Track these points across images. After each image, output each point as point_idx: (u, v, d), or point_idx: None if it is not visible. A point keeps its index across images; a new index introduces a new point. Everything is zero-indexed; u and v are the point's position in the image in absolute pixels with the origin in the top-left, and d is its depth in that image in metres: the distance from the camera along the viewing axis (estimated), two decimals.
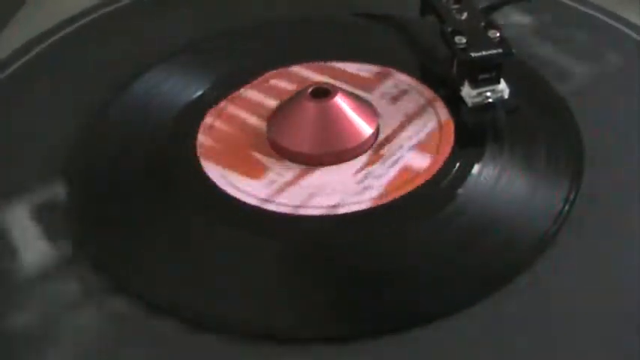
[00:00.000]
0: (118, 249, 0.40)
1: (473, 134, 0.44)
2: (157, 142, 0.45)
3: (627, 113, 0.45)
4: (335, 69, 0.48)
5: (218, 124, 0.46)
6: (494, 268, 0.38)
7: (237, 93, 0.48)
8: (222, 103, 0.47)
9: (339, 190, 0.41)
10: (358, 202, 0.41)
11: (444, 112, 0.45)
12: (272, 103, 0.46)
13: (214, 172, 0.43)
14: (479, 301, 0.37)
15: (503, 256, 0.39)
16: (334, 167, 0.43)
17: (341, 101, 0.43)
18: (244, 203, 0.41)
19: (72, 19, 0.55)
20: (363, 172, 0.42)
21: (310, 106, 0.43)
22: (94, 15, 0.55)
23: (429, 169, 0.42)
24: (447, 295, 0.37)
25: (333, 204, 0.41)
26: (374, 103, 0.46)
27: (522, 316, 0.36)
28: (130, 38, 0.53)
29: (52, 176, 0.44)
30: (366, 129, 0.43)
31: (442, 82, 0.46)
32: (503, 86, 0.45)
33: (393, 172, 0.42)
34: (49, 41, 0.53)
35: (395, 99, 0.46)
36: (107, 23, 0.55)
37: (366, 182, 0.42)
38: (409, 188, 0.41)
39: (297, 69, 0.49)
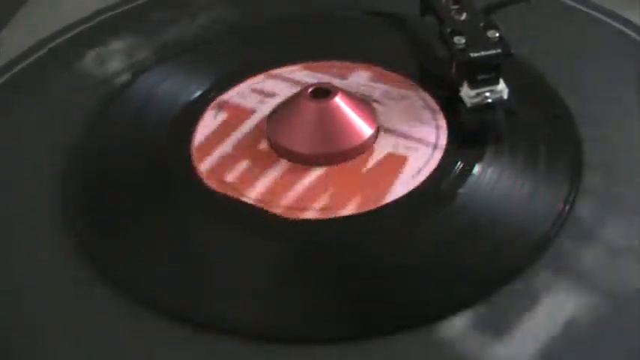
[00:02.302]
0: (118, 249, 0.41)
1: (473, 135, 0.44)
2: (156, 142, 0.45)
3: (627, 113, 0.45)
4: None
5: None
6: (494, 268, 0.38)
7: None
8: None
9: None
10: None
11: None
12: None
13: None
14: (479, 301, 0.37)
15: (503, 256, 0.39)
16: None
17: (341, 101, 0.43)
18: (243, 203, 0.41)
19: (73, 22, 0.55)
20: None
21: (310, 106, 0.43)
22: (95, 18, 0.55)
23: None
24: (447, 295, 0.37)
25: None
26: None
27: (522, 316, 0.36)
28: (129, 39, 0.53)
29: (52, 176, 0.44)
30: (366, 129, 0.43)
31: (441, 83, 0.46)
32: (502, 86, 0.44)
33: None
34: (50, 43, 0.53)
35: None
36: (107, 24, 0.55)
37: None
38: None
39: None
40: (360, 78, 0.48)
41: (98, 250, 0.40)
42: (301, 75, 0.48)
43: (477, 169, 0.42)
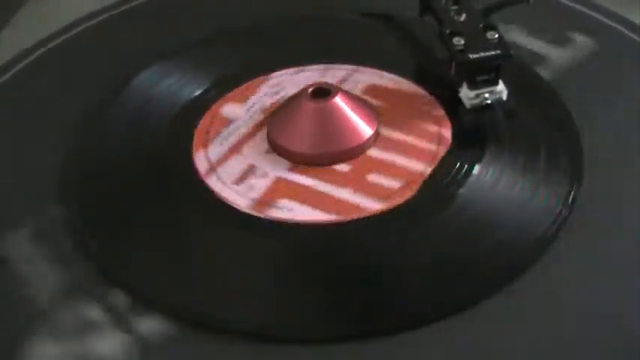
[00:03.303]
0: (118, 249, 0.41)
1: (472, 135, 0.44)
2: (156, 141, 0.45)
3: (627, 114, 0.45)
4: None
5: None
6: (494, 269, 0.38)
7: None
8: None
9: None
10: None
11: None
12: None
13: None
14: (479, 302, 0.37)
15: (503, 257, 0.39)
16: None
17: (341, 101, 0.43)
18: (243, 203, 0.41)
19: (73, 22, 0.55)
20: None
21: (310, 106, 0.43)
22: (95, 18, 0.55)
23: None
24: (447, 295, 0.37)
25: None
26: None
27: (522, 316, 0.36)
28: (130, 39, 0.53)
29: (52, 176, 0.44)
30: (366, 129, 0.43)
31: (441, 83, 0.46)
32: (501, 87, 0.45)
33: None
34: (51, 43, 0.53)
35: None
36: (108, 25, 0.55)
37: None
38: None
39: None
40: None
41: (98, 250, 0.40)
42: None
43: (476, 169, 0.42)
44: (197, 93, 0.48)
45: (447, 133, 0.44)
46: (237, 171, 0.43)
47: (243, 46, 0.52)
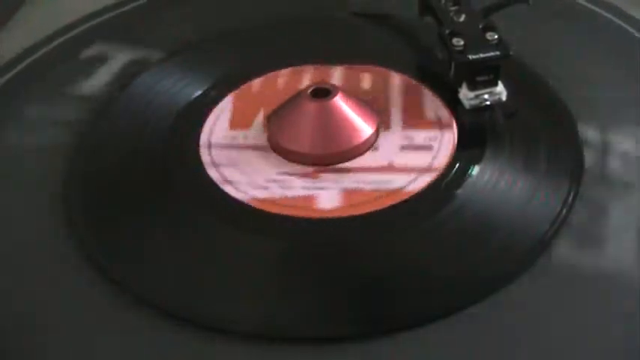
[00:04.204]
0: (118, 249, 0.41)
1: (472, 136, 0.44)
2: (156, 141, 0.45)
3: (628, 114, 0.45)
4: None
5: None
6: (493, 270, 0.38)
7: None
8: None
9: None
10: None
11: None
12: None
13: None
14: (478, 302, 0.37)
15: (502, 258, 0.39)
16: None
17: (341, 101, 0.43)
18: (243, 203, 0.41)
19: (73, 23, 0.55)
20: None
21: (310, 106, 0.43)
22: (96, 18, 0.55)
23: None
24: (447, 295, 0.37)
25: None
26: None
27: (521, 317, 0.36)
28: (130, 39, 0.53)
29: (52, 175, 0.44)
30: (366, 129, 0.43)
31: (440, 84, 0.47)
32: (500, 88, 0.45)
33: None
34: (51, 43, 0.53)
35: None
36: (108, 25, 0.55)
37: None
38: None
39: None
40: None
41: (98, 249, 0.40)
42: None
43: (476, 169, 0.42)
44: (197, 93, 0.48)
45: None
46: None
47: (244, 46, 0.52)
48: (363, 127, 0.43)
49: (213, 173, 0.43)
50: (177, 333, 0.37)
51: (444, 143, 0.43)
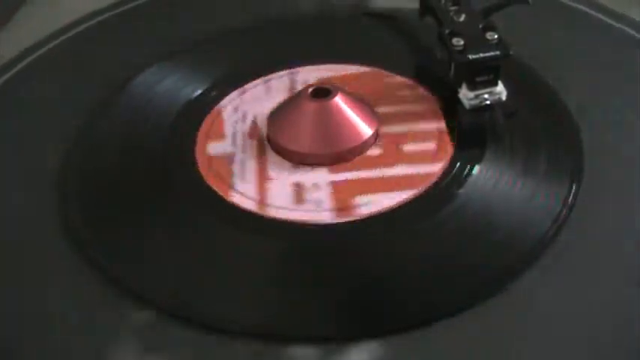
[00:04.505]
0: (118, 249, 0.40)
1: (472, 136, 0.44)
2: (156, 141, 0.45)
3: (627, 113, 0.45)
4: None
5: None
6: (493, 269, 0.38)
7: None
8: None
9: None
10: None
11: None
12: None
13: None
14: (478, 302, 0.37)
15: (502, 257, 0.39)
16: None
17: (341, 101, 0.43)
18: (242, 202, 0.41)
19: (74, 22, 0.55)
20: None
21: (310, 106, 0.43)
22: (95, 18, 0.55)
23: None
24: (447, 295, 0.37)
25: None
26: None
27: (522, 317, 0.36)
28: (130, 39, 0.53)
29: (52, 176, 0.44)
30: (366, 129, 0.43)
31: (440, 84, 0.47)
32: (500, 88, 0.45)
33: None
34: (51, 43, 0.53)
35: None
36: (108, 25, 0.55)
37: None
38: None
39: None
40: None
41: (97, 250, 0.40)
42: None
43: (476, 169, 0.42)
44: (197, 93, 0.48)
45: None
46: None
47: (244, 46, 0.52)
48: (363, 127, 0.43)
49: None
50: (177, 333, 0.37)
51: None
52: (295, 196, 0.41)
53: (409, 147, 0.43)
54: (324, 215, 0.40)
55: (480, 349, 0.35)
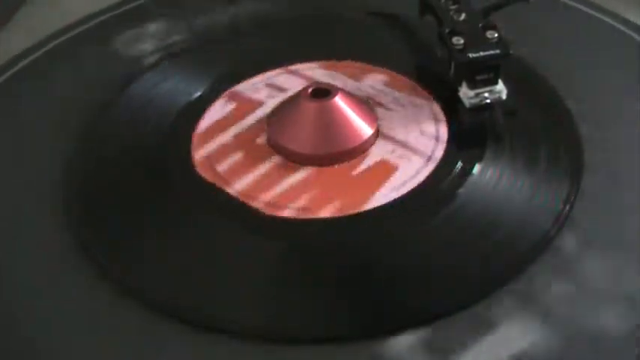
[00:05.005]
0: (118, 249, 0.41)
1: (472, 135, 0.44)
2: (156, 141, 0.45)
3: (627, 113, 0.45)
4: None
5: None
6: (494, 268, 0.38)
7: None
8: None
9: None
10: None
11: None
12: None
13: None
14: (479, 301, 0.37)
15: (503, 256, 0.39)
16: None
17: (341, 101, 0.43)
18: (242, 203, 0.41)
19: (73, 22, 0.55)
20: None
21: (310, 106, 0.43)
22: (95, 18, 0.55)
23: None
24: (447, 295, 0.37)
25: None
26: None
27: (522, 316, 0.36)
28: (130, 39, 0.53)
29: (52, 176, 0.44)
30: (365, 129, 0.43)
31: (441, 83, 0.46)
32: (500, 87, 0.45)
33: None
34: (51, 43, 0.53)
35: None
36: (108, 25, 0.55)
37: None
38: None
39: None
40: (360, 78, 0.48)
41: (98, 250, 0.40)
42: (315, 73, 0.48)
43: (476, 169, 0.42)
44: (197, 93, 0.48)
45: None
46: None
47: (244, 46, 0.52)
48: (363, 127, 0.43)
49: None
50: (177, 333, 0.37)
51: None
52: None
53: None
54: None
55: (479, 349, 0.35)
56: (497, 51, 0.44)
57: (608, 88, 0.47)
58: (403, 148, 0.43)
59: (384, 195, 0.41)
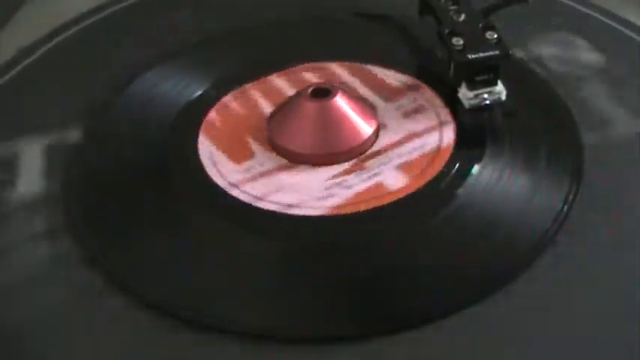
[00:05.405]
0: (118, 249, 0.41)
1: (472, 135, 0.44)
2: (157, 141, 0.45)
3: (627, 113, 0.45)
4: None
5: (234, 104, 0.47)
6: (494, 268, 0.38)
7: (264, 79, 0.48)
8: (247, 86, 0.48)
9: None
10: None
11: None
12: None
13: (207, 159, 0.44)
14: (479, 301, 0.37)
15: (503, 256, 0.39)
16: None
17: (341, 101, 0.43)
18: (242, 203, 0.41)
19: (73, 21, 0.55)
20: (337, 179, 0.42)
21: (310, 106, 0.43)
22: (95, 17, 0.55)
23: (401, 190, 0.41)
24: (447, 295, 0.37)
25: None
26: (387, 113, 0.46)
27: (522, 316, 0.36)
28: (130, 39, 0.53)
29: (53, 176, 0.44)
30: (366, 129, 0.43)
31: (440, 83, 0.47)
32: (500, 88, 0.45)
33: (363, 186, 0.42)
34: (51, 43, 0.53)
35: (407, 114, 0.46)
36: (108, 24, 0.55)
37: (333, 190, 0.42)
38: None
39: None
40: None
41: (98, 249, 0.40)
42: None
43: (476, 169, 0.42)
44: (198, 93, 0.48)
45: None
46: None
47: (243, 46, 0.52)
48: (363, 126, 0.43)
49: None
50: (177, 333, 0.37)
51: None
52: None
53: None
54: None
55: (479, 349, 0.35)
56: (497, 52, 0.44)
57: (608, 88, 0.47)
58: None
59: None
